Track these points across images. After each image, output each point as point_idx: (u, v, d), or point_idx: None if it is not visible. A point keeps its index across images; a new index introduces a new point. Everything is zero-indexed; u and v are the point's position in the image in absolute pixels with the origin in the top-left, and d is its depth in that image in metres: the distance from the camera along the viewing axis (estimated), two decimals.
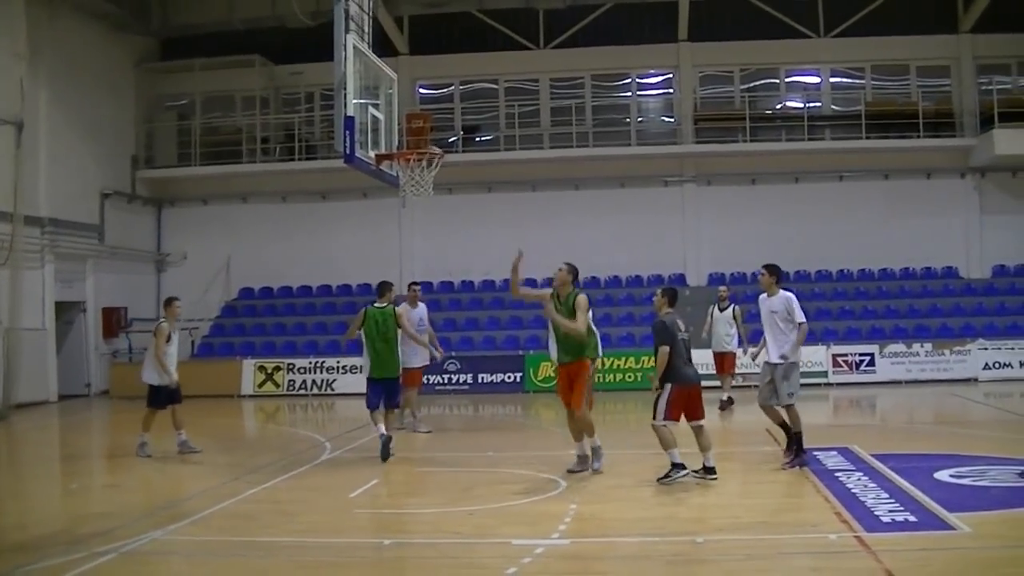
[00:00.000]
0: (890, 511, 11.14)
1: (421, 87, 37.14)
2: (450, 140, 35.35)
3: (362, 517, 12.10)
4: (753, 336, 22.23)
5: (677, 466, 13.46)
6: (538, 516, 11.69)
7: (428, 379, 30.21)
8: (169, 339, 17.56)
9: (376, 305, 17.15)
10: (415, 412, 20.67)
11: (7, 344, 26.87)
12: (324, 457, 17.10)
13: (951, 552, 9.59)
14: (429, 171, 19.59)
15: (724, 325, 23.52)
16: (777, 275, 15.76)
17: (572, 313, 14.33)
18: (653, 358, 13.98)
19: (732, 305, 23.74)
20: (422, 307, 21.07)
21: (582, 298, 14.55)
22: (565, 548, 10.21)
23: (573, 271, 15.75)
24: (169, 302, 18.25)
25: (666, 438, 13.61)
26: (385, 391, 16.86)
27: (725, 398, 23.41)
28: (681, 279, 34.39)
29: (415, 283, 22.36)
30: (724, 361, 23.85)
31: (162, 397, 17.56)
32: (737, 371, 24.93)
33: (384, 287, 17.62)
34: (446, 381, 30.35)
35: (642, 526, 11.10)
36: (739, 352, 23.74)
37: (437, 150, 19.64)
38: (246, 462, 16.37)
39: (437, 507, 12.06)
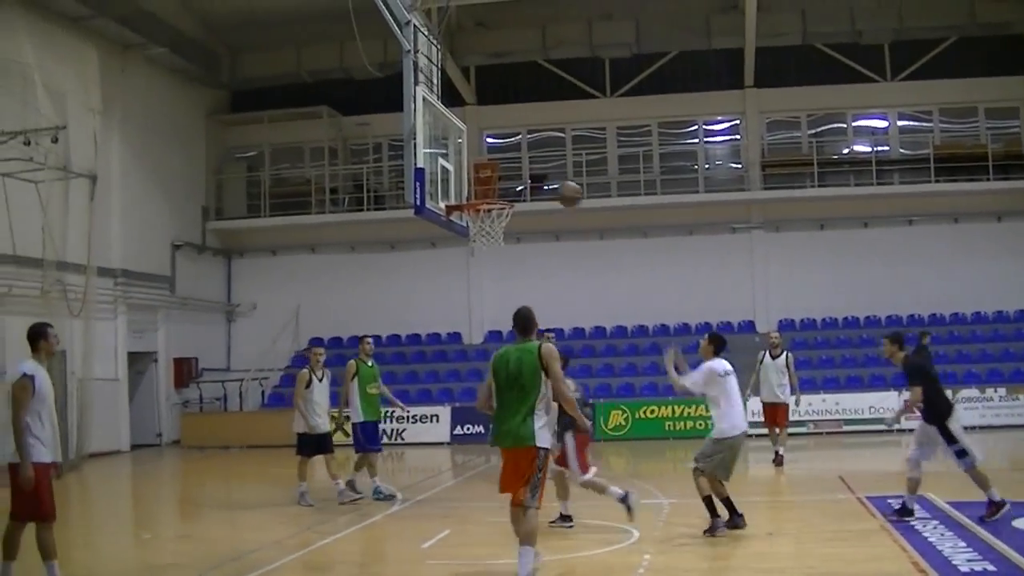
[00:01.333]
0: (968, 560, 10.96)
1: (488, 137, 37.37)
2: (518, 189, 35.51)
3: (435, 568, 12.08)
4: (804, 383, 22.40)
5: (624, 496, 13.39)
6: (612, 567, 11.64)
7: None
8: (309, 385, 17.53)
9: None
10: None
11: (80, 394, 27.11)
12: (395, 508, 17.10)
13: None
14: (499, 221, 19.67)
15: (776, 374, 22.14)
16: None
17: None
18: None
19: (785, 352, 22.57)
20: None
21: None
22: None
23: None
24: (310, 349, 18.31)
25: (598, 486, 13.44)
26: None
27: (780, 451, 21.79)
28: (750, 326, 34.23)
29: (549, 330, 20.50)
30: (777, 413, 22.27)
31: (310, 445, 17.55)
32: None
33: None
34: None
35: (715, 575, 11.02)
36: (791, 403, 22.47)
37: (506, 203, 19.69)
38: (317, 513, 16.41)
39: (509, 558, 12.00)
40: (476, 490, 19.91)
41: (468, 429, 30.67)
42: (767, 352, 22.60)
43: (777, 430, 22.04)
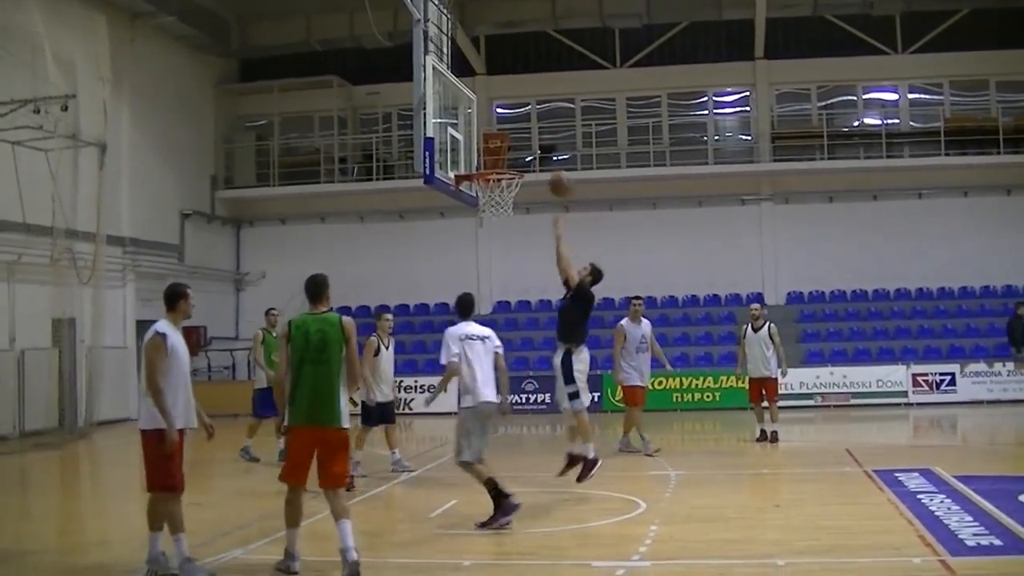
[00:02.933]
0: (975, 534, 10.96)
1: (498, 107, 37.30)
2: (527, 159, 35.45)
3: (442, 537, 12.11)
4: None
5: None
6: (618, 538, 11.66)
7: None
8: (378, 353, 17.24)
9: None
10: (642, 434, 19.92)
11: (89, 362, 27.19)
12: (403, 476, 17.15)
13: None
14: (508, 191, 19.67)
15: (760, 347, 21.04)
16: None
17: None
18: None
19: (767, 324, 21.37)
20: (645, 323, 20.17)
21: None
22: (646, 570, 10.16)
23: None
24: (378, 315, 18.10)
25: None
26: None
27: (768, 432, 20.84)
28: (759, 297, 34.14)
29: (637, 297, 21.01)
30: (764, 387, 21.11)
31: (373, 415, 17.40)
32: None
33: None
34: (524, 401, 30.36)
35: (723, 548, 11.03)
36: (779, 376, 21.29)
37: (515, 173, 19.67)
38: None
39: (517, 528, 12.05)
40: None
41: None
42: (749, 325, 21.66)
43: (765, 404, 21.14)
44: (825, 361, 30.87)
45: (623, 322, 19.54)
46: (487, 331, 12.97)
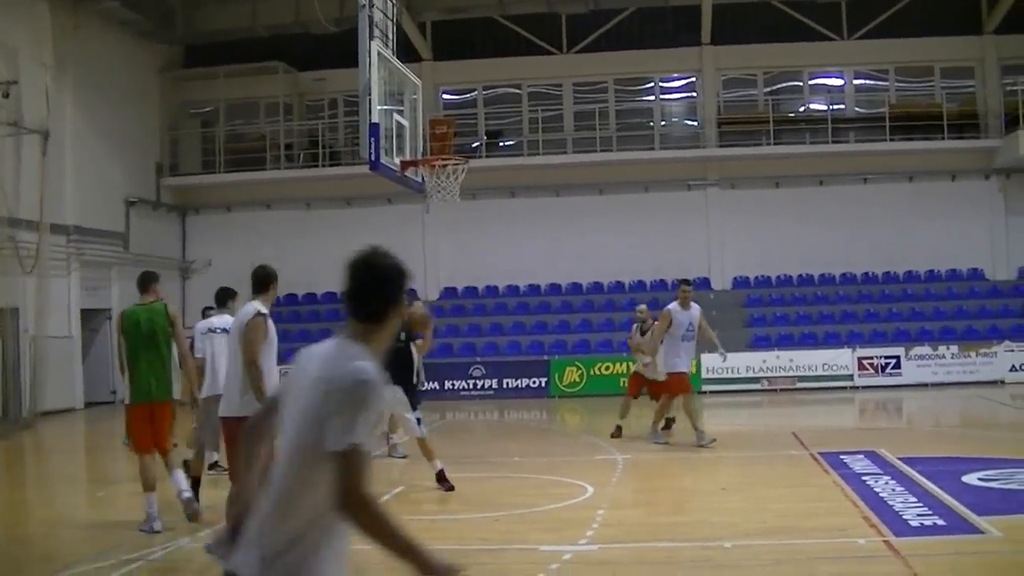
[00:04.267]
0: (919, 515, 11.09)
1: (444, 93, 37.14)
2: (473, 145, 35.35)
3: None
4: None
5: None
6: (565, 522, 11.67)
7: (453, 384, 30.40)
8: None
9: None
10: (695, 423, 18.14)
11: (33, 352, 26.96)
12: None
13: (981, 556, 9.57)
14: (454, 177, 19.63)
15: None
16: None
17: None
18: None
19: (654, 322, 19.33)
20: (695, 308, 18.50)
21: None
22: (593, 554, 10.17)
23: None
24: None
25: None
26: None
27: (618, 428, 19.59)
28: (705, 283, 34.33)
29: (686, 281, 19.30)
30: (651, 387, 19.78)
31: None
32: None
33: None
34: (471, 387, 30.36)
35: (670, 531, 11.08)
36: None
37: (461, 158, 19.59)
38: None
39: (464, 513, 12.06)
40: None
41: (423, 385, 30.65)
42: (637, 327, 20.50)
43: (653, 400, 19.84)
44: (772, 345, 31.04)
45: (672, 306, 18.33)
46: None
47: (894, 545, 9.82)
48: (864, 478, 13.48)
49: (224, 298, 13.49)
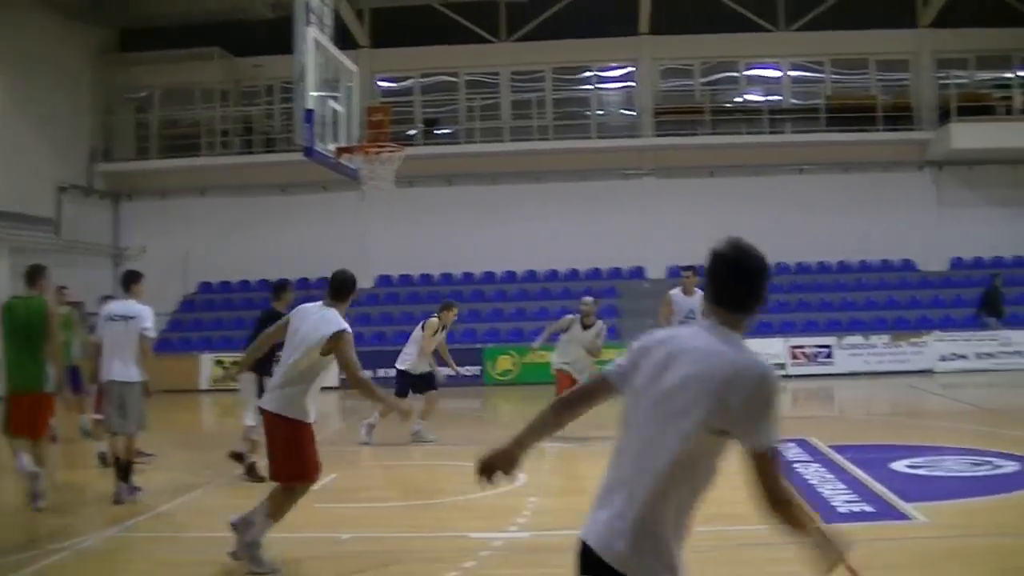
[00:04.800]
0: (847, 502, 11.22)
1: (381, 80, 36.99)
2: (410, 133, 35.26)
3: (321, 512, 12.02)
4: None
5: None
6: (497, 509, 11.65)
7: (385, 374, 30.32)
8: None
9: None
10: None
11: None
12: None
13: (908, 542, 9.64)
14: (389, 164, 19.57)
15: (581, 346, 18.46)
16: None
17: None
18: None
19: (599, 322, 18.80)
20: (699, 294, 17.45)
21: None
22: (524, 541, 10.19)
23: None
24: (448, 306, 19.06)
25: None
26: None
27: None
28: (640, 272, 34.46)
29: (690, 268, 18.65)
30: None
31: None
32: None
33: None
34: None
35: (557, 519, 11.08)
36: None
37: (397, 146, 19.54)
38: (204, 458, 16.29)
39: (395, 501, 12.04)
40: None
41: None
42: (578, 321, 18.73)
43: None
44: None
45: (674, 292, 18.07)
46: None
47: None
48: (794, 465, 13.58)
49: (129, 282, 13.48)
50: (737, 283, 4.40)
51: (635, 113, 36.52)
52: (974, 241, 34.39)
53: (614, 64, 37.12)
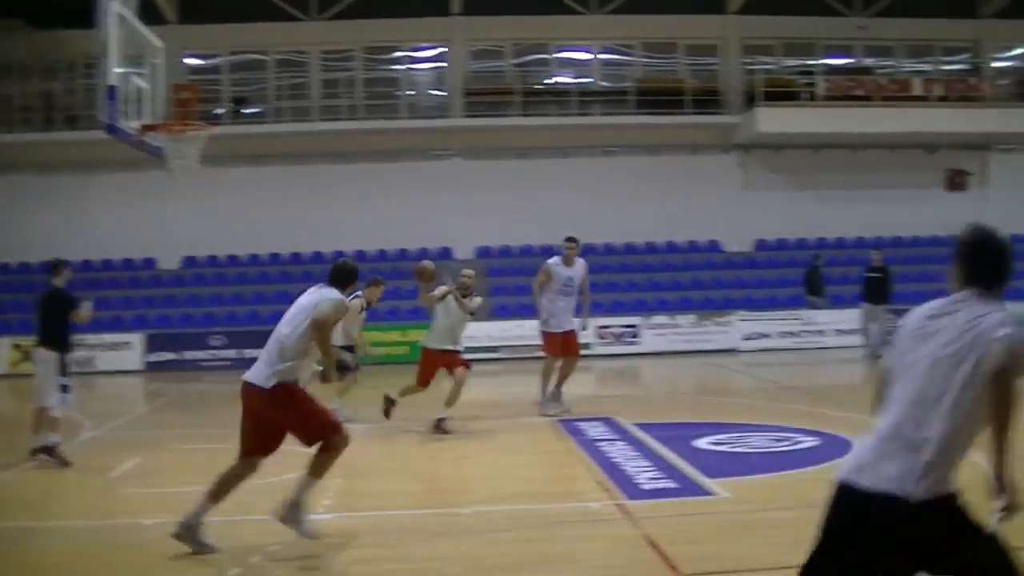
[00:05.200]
0: (651, 479, 11.39)
1: (189, 57, 36.19)
2: (217, 112, 34.62)
3: (124, 498, 11.80)
4: None
5: None
6: None
7: (193, 355, 29.89)
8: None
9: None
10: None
11: None
12: (85, 436, 16.62)
13: (710, 516, 9.82)
14: (195, 143, 19.24)
15: (460, 320, 16.88)
16: None
17: None
18: None
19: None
20: (579, 264, 18.21)
21: None
22: (329, 523, 10.09)
23: None
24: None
25: None
26: None
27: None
28: (447, 253, 34.51)
29: (571, 238, 18.54)
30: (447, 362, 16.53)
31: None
32: None
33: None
34: (211, 357, 29.86)
35: (408, 499, 11.09)
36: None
37: (203, 125, 19.22)
38: (2, 444, 15.84)
39: (197, 485, 11.79)
40: (168, 418, 19.63)
41: (161, 356, 30.09)
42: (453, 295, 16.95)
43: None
44: (512, 314, 31.31)
45: (552, 261, 17.96)
46: None
47: (627, 507, 10.05)
48: (599, 444, 13.74)
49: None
50: (987, 263, 5.12)
51: (445, 94, 36.49)
52: (777, 223, 35.31)
53: (425, 44, 36.97)
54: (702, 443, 13.56)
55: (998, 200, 36.39)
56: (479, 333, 27.71)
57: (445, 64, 36.66)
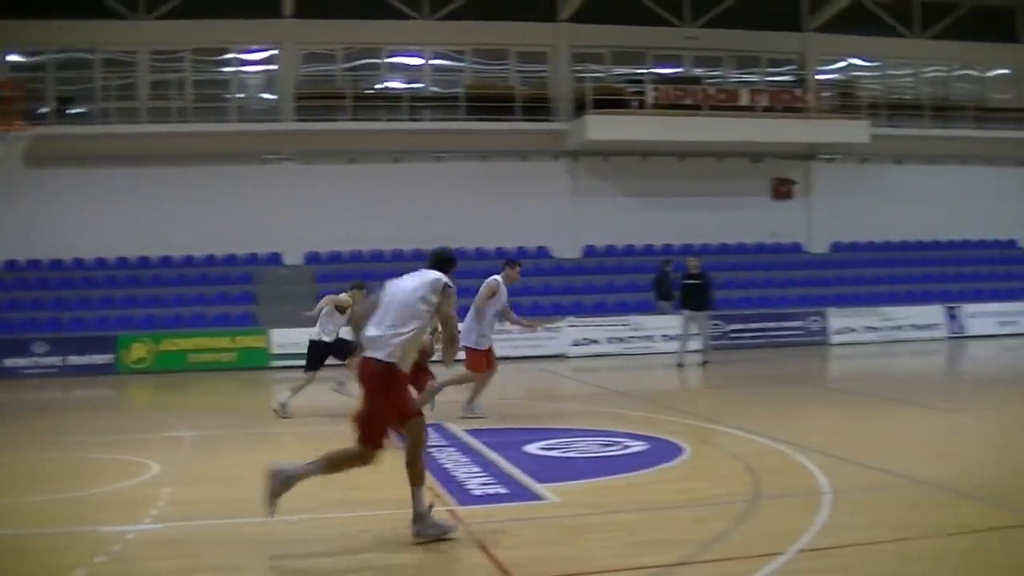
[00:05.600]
0: (481, 484, 11.40)
1: (11, 54, 35.18)
2: (41, 111, 33.76)
3: None
4: None
5: None
6: (129, 501, 11.31)
7: (14, 362, 29.09)
8: None
9: None
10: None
11: None
12: None
13: (540, 521, 9.84)
14: (15, 142, 18.82)
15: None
16: None
17: None
18: None
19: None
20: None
21: None
22: (158, 533, 9.90)
23: None
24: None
25: None
26: None
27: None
28: (276, 258, 34.22)
29: (517, 261, 19.10)
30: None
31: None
32: None
33: None
34: (33, 364, 29.10)
35: (236, 508, 10.88)
36: None
37: (23, 124, 18.82)
38: None
39: (19, 496, 11.52)
40: None
41: None
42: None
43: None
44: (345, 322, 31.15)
45: (499, 279, 18.13)
46: None
47: (458, 513, 10.03)
48: (429, 450, 13.67)
49: None
50: None
51: (276, 97, 36.13)
52: (607, 230, 35.78)
53: (256, 47, 36.56)
54: (532, 448, 13.62)
55: (821, 208, 37.56)
56: (306, 339, 27.65)
57: (276, 67, 36.29)
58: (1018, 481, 11.18)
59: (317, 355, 18.99)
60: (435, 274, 9.86)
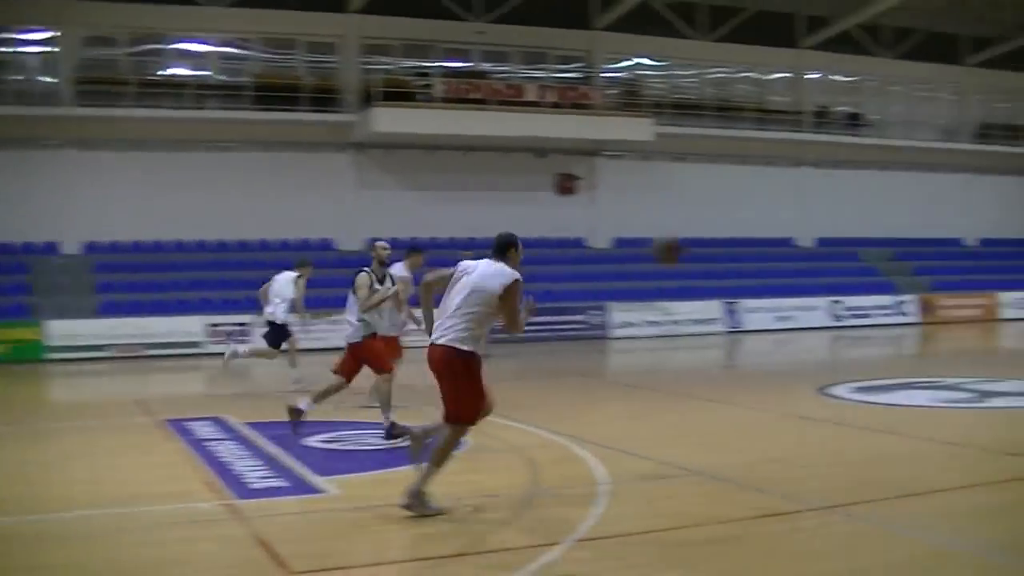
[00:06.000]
0: (262, 477, 11.29)
1: None
2: None
3: None
4: None
5: None
6: None
7: None
8: None
9: None
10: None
11: None
12: None
13: (321, 514, 9.78)
14: None
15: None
16: None
17: None
18: None
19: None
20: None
21: None
22: None
23: None
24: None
25: None
26: None
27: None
28: (51, 248, 33.28)
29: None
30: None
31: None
32: None
33: None
34: None
35: (3, 505, 10.52)
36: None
37: None
38: None
39: None
40: None
41: None
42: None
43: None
44: (120, 312, 30.47)
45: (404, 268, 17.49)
46: None
47: (237, 507, 9.92)
48: (207, 444, 13.51)
49: None
50: None
51: (56, 80, 35.02)
52: (391, 222, 35.63)
53: (35, 27, 35.34)
54: (313, 441, 13.56)
55: (605, 204, 38.19)
56: (85, 331, 27.07)
57: (56, 49, 35.13)
58: (788, 471, 11.50)
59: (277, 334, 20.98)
60: (509, 271, 10.23)
